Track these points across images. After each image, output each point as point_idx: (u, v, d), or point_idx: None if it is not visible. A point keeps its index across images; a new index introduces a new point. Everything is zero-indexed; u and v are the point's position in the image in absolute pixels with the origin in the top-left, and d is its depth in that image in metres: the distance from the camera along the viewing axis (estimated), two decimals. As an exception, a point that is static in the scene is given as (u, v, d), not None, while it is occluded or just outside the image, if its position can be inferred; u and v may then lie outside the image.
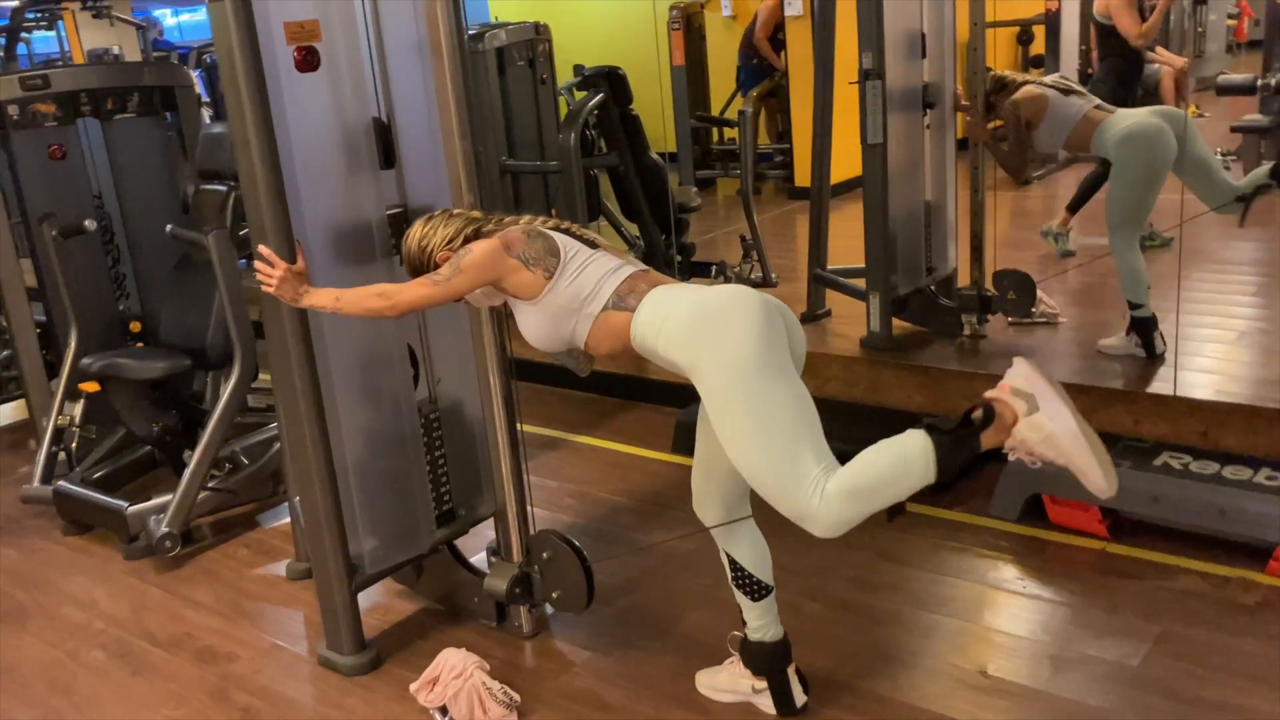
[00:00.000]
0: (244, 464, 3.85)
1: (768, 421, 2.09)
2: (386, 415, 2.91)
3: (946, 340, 4.69)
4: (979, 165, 4.67)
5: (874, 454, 2.10)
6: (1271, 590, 2.88)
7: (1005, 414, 2.08)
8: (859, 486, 2.07)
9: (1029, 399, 2.06)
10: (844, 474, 2.07)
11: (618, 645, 2.91)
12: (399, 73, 2.77)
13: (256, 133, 2.52)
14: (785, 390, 2.13)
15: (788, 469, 2.08)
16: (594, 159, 5.44)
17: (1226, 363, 4.23)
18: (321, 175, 2.67)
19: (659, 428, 4.38)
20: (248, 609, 3.33)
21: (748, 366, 2.11)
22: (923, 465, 2.06)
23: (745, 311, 2.16)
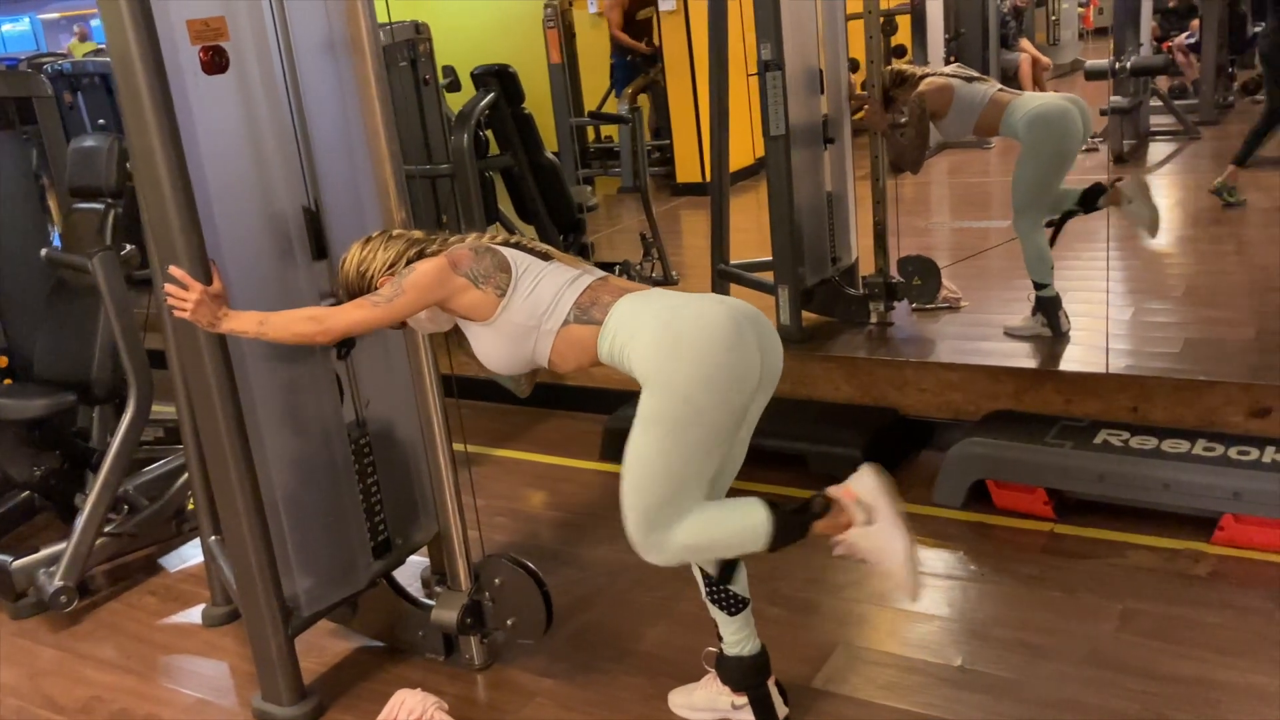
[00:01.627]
0: (143, 504, 3.54)
1: (672, 468, 2.10)
2: (315, 443, 2.69)
3: (855, 329, 4.70)
4: (879, 154, 4.69)
5: (719, 519, 2.18)
6: (1220, 560, 2.93)
7: (841, 517, 2.19)
8: (696, 545, 2.19)
9: (869, 512, 2.17)
10: (689, 530, 2.13)
11: (579, 670, 2.77)
12: (312, 74, 2.56)
13: (162, 142, 2.28)
14: (707, 442, 2.11)
15: (655, 513, 2.13)
16: (488, 160, 5.26)
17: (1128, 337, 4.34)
18: (236, 185, 2.44)
19: (581, 435, 4.24)
20: (163, 663, 3.05)
21: (688, 408, 2.08)
22: (757, 538, 2.15)
23: (712, 340, 2.07)
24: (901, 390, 3.87)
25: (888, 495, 2.18)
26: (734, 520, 2.17)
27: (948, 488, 3.38)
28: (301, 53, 2.53)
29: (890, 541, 2.16)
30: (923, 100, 4.36)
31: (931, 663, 2.65)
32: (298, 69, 2.52)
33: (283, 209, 2.54)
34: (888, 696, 2.54)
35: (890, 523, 2.16)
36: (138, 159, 2.36)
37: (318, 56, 2.55)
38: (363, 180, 2.62)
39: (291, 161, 2.53)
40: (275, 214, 2.52)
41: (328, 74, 2.57)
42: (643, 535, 2.15)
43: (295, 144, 2.53)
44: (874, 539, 2.17)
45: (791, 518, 2.16)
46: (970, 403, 3.72)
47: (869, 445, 3.58)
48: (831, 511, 2.18)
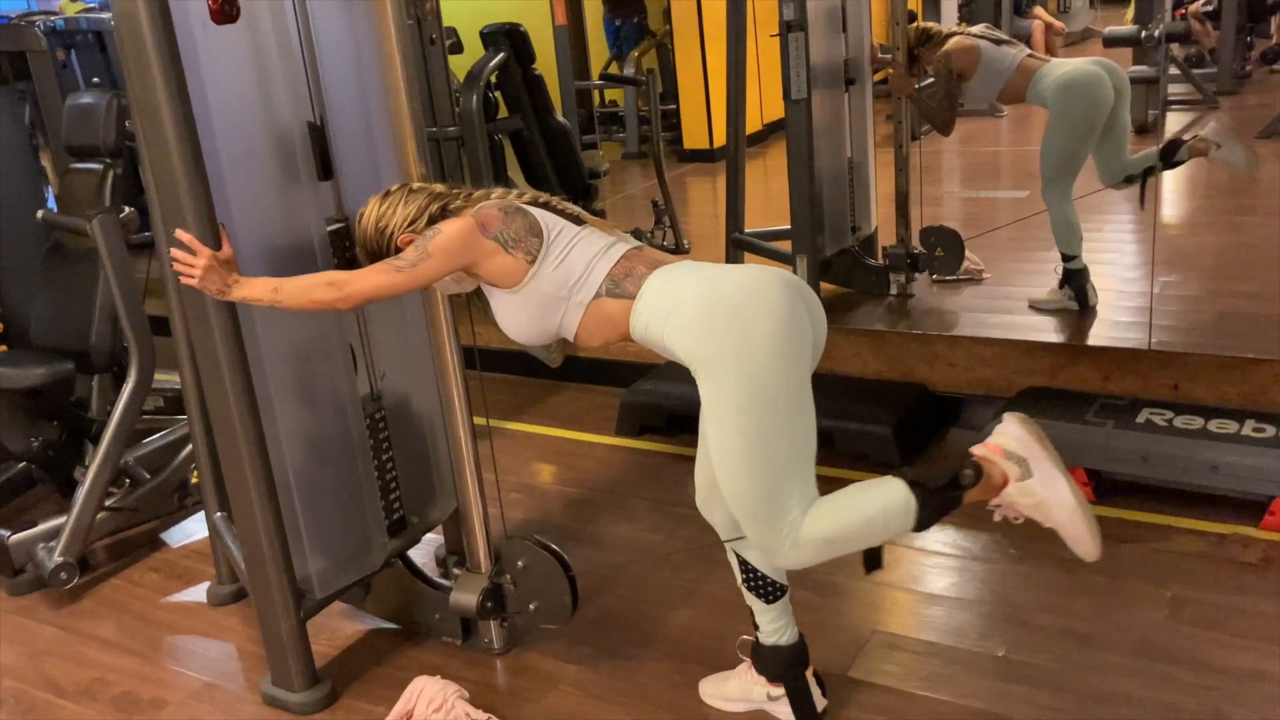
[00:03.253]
0: (144, 477, 3.41)
1: (765, 451, 1.92)
2: (328, 417, 2.56)
3: (874, 301, 4.58)
4: (903, 120, 4.54)
5: (854, 503, 1.97)
6: (1271, 545, 2.81)
7: (994, 476, 2.00)
8: (834, 536, 1.96)
9: (1021, 463, 1.99)
10: (821, 520, 1.94)
11: (603, 655, 2.65)
12: (326, 25, 2.40)
13: (169, 97, 2.13)
14: (793, 412, 1.94)
15: (767, 505, 1.93)
16: (497, 123, 5.09)
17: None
18: (248, 144, 2.29)
19: (596, 409, 4.11)
20: (168, 644, 2.93)
21: (762, 380, 1.89)
22: (903, 521, 1.96)
23: (768, 305, 1.91)
24: (931, 365, 3.74)
25: (1040, 440, 1.98)
26: (872, 503, 1.96)
27: (981, 467, 3.25)
28: (316, 2, 2.37)
29: (1053, 491, 1.95)
30: (949, 59, 4.21)
31: (972, 652, 2.54)
32: (311, 20, 2.37)
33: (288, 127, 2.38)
34: (928, 687, 2.43)
35: (1049, 471, 1.96)
36: (142, 116, 2.21)
37: (332, 7, 2.40)
38: (381, 151, 2.47)
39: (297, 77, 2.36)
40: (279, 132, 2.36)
41: (341, 26, 2.42)
42: (770, 537, 1.95)
43: (309, 102, 2.38)
44: (1034, 492, 1.96)
45: (939, 493, 1.95)
46: (1003, 379, 3.59)
47: (899, 423, 3.46)
48: (982, 475, 1.97)
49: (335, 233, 2.45)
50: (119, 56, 2.27)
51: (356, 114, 2.47)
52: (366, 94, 2.46)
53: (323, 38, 2.39)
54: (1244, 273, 4.55)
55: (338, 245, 2.46)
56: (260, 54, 2.29)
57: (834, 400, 3.65)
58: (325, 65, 2.40)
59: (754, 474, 1.92)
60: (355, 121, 2.47)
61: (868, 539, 2.00)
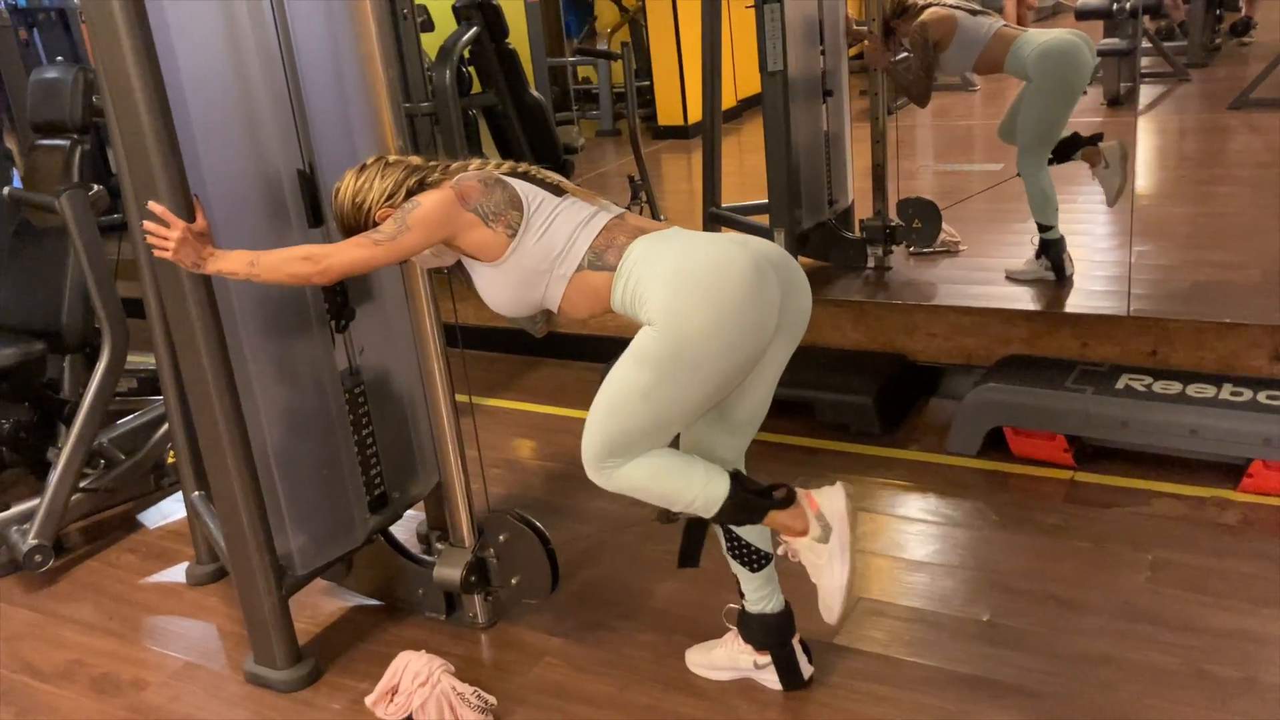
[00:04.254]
0: (119, 458, 3.37)
1: (649, 409, 1.97)
2: (308, 392, 2.53)
3: (852, 274, 4.57)
4: (879, 93, 4.53)
5: (681, 471, 2.05)
6: (1249, 508, 2.84)
7: (797, 520, 2.12)
8: (645, 487, 2.06)
9: (826, 530, 2.11)
10: (643, 470, 2.03)
11: (588, 628, 2.64)
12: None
13: (138, 64, 2.09)
14: (696, 389, 1.98)
15: (617, 442, 2.00)
16: (471, 98, 5.04)
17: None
18: (221, 117, 2.25)
19: (576, 384, 4.10)
20: (147, 625, 2.89)
21: (687, 351, 1.93)
22: (708, 504, 2.06)
23: (724, 286, 1.92)
24: (911, 335, 3.74)
25: (849, 521, 2.11)
26: (693, 478, 2.04)
27: (963, 436, 3.27)
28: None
29: (834, 565, 2.11)
30: (925, 29, 4.20)
31: (957, 617, 2.55)
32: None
33: (277, 173, 2.34)
34: (914, 653, 2.44)
35: (841, 549, 2.10)
36: (110, 85, 2.15)
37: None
38: (359, 140, 2.43)
39: (285, 118, 2.34)
40: (269, 178, 2.33)
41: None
42: (595, 459, 2.04)
43: (283, 72, 2.34)
44: (820, 556, 2.12)
45: (751, 499, 2.07)
46: (983, 348, 3.60)
47: (879, 393, 3.46)
48: (791, 510, 2.11)
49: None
50: (83, 36, 2.21)
51: (344, 155, 2.43)
52: (352, 133, 2.43)
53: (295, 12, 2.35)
54: (1217, 241, 4.58)
55: (328, 290, 2.46)
56: (231, 21, 2.24)
57: (814, 371, 3.66)
58: (310, 101, 2.37)
59: (626, 420, 1.98)
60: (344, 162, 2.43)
61: (666, 500, 2.08)
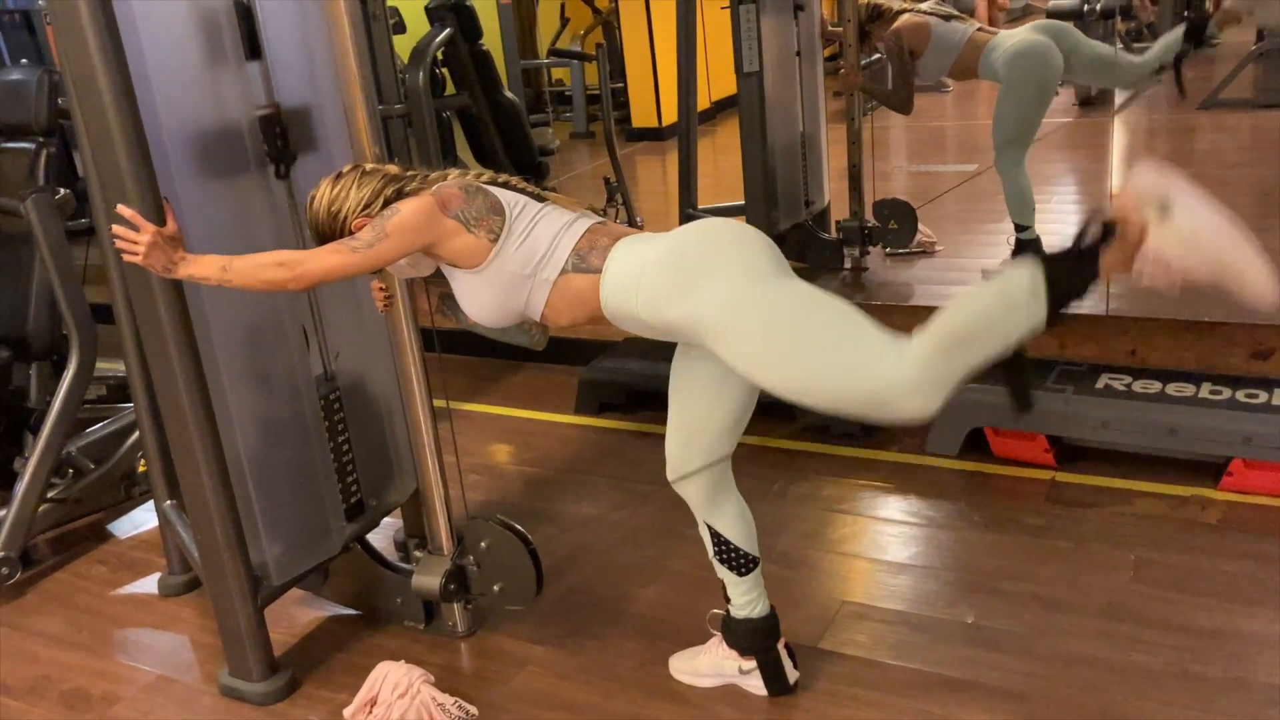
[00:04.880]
0: (88, 467, 3.30)
1: (804, 321, 1.75)
2: (281, 398, 2.48)
3: (829, 275, 4.56)
4: (854, 94, 4.53)
5: (967, 294, 1.70)
6: (1230, 506, 2.84)
7: (1130, 229, 1.63)
8: (951, 333, 1.67)
9: (1159, 201, 1.61)
10: (930, 326, 1.68)
11: (570, 635, 2.61)
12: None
13: (105, 64, 2.03)
14: (807, 288, 1.81)
15: (849, 350, 1.71)
16: (444, 100, 4.99)
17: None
18: (189, 110, 2.20)
19: (555, 388, 4.06)
20: (118, 638, 2.83)
21: (754, 286, 1.80)
22: (1031, 308, 1.65)
23: (731, 240, 1.89)
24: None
25: (1177, 176, 1.62)
26: (988, 291, 1.69)
27: (943, 436, 3.26)
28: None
29: (1201, 220, 1.59)
30: (899, 37, 4.20)
31: (941, 620, 2.53)
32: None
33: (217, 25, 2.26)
34: (899, 656, 2.42)
35: (1193, 200, 1.60)
36: (77, 86, 2.10)
37: None
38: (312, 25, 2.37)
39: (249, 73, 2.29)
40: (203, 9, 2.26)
41: None
42: (876, 385, 1.69)
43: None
44: (1180, 230, 1.58)
45: (1067, 264, 1.66)
46: (961, 348, 3.58)
47: (859, 393, 3.44)
48: (1115, 232, 1.64)
49: (265, 119, 2.36)
50: (48, 38, 2.16)
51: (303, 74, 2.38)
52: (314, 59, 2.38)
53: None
54: (1191, 240, 4.60)
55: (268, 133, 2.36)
56: (202, 20, 2.20)
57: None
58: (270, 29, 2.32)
59: (811, 335, 1.74)
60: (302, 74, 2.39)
61: (992, 332, 1.68)
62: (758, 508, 2.25)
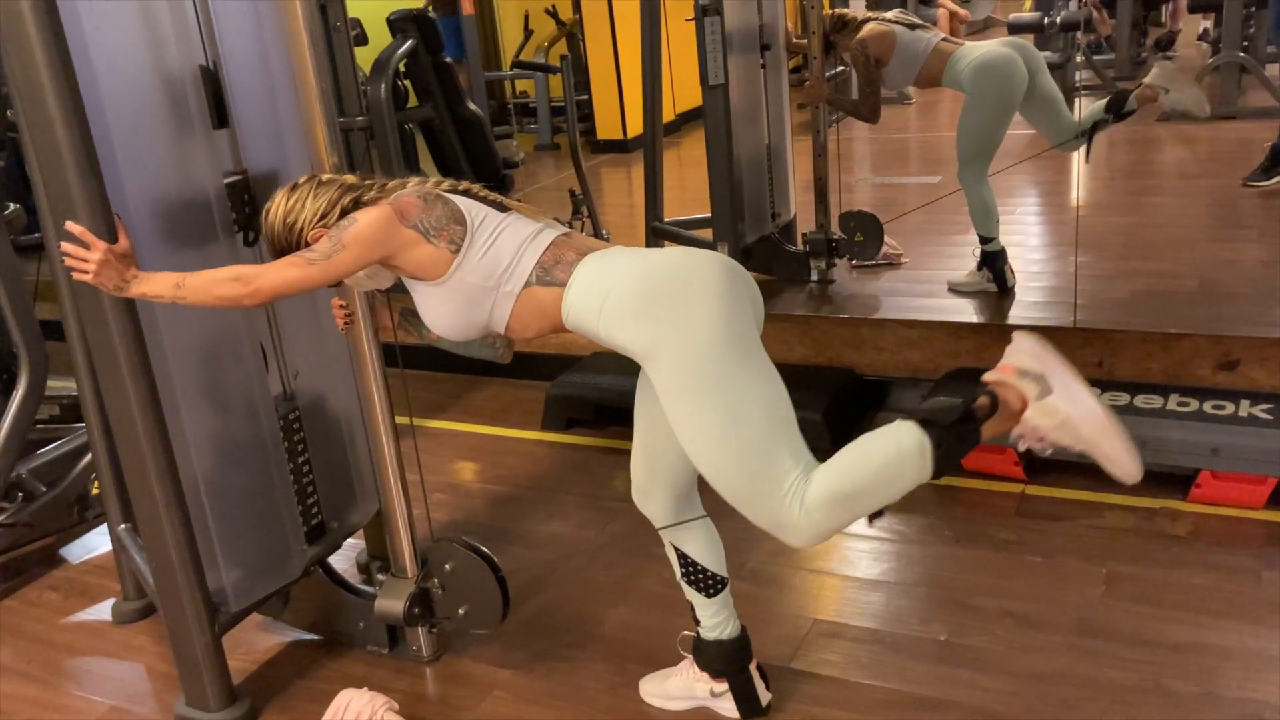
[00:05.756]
0: (40, 490, 3.20)
1: (739, 418, 1.79)
2: (238, 418, 2.42)
3: (796, 287, 4.55)
4: (820, 106, 4.52)
5: (861, 453, 1.83)
6: (1199, 518, 2.84)
7: (1011, 400, 1.82)
8: (845, 491, 1.81)
9: (1039, 380, 1.81)
10: (827, 478, 1.81)
11: (538, 658, 2.55)
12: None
13: (52, 77, 1.97)
14: (757, 377, 1.83)
15: (762, 474, 1.80)
16: (406, 112, 4.93)
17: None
18: (139, 124, 2.14)
19: (520, 404, 4.01)
20: (70, 668, 2.74)
21: (714, 349, 1.79)
22: (918, 465, 1.80)
23: (706, 280, 1.84)
24: (858, 349, 3.71)
25: (1056, 355, 1.81)
26: (880, 453, 1.81)
27: (913, 450, 3.23)
28: None
29: (1078, 404, 1.77)
30: (865, 46, 4.19)
31: (914, 637, 2.50)
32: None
33: (178, 70, 2.22)
34: (872, 675, 2.39)
35: (1069, 384, 1.78)
36: (23, 97, 2.03)
37: None
38: (269, 38, 2.31)
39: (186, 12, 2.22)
40: (168, 75, 2.21)
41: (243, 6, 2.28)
42: (776, 509, 1.80)
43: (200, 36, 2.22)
44: (1057, 410, 1.78)
45: (954, 429, 1.79)
46: (929, 361, 3.58)
47: (828, 408, 3.42)
48: (999, 403, 1.80)
49: (232, 185, 2.31)
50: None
51: (253, 54, 2.32)
52: (263, 32, 2.31)
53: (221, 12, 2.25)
54: (1153, 252, 4.64)
55: (235, 200, 2.32)
56: (153, 29, 2.14)
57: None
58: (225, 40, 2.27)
59: (737, 446, 1.80)
60: (252, 63, 2.32)
61: (883, 492, 1.83)
62: (725, 525, 2.20)
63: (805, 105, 4.46)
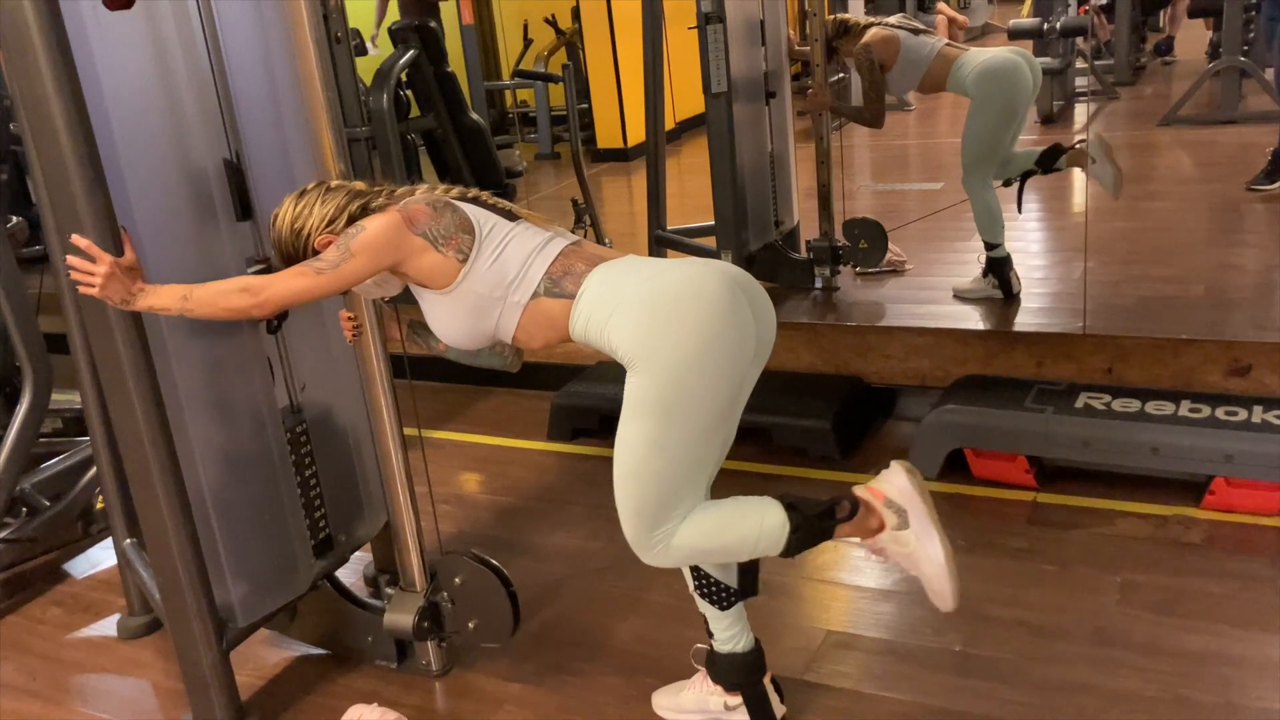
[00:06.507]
0: (43, 505, 3.17)
1: (670, 463, 1.88)
2: (245, 432, 2.39)
3: (800, 295, 4.53)
4: (822, 113, 4.51)
5: (730, 518, 1.95)
6: (1213, 526, 2.81)
7: (871, 519, 1.99)
8: (704, 548, 1.98)
9: (900, 514, 1.98)
10: (695, 531, 1.92)
11: (548, 671, 2.53)
12: (231, 10, 2.25)
13: (58, 88, 1.95)
14: (710, 424, 1.89)
15: (653, 511, 1.91)
16: (409, 122, 4.91)
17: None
18: (147, 137, 2.13)
19: (526, 414, 3.98)
20: (75, 684, 2.72)
21: (691, 389, 1.84)
22: (773, 542, 1.95)
23: (707, 306, 1.83)
24: (865, 357, 3.69)
25: (921, 496, 1.97)
26: (746, 522, 1.94)
27: (922, 458, 3.21)
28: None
29: (925, 547, 1.96)
30: (869, 51, 4.18)
31: (928, 648, 2.48)
32: (214, 5, 2.21)
33: (201, 163, 2.23)
34: (886, 687, 2.36)
35: (925, 526, 1.96)
36: (29, 110, 2.01)
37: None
38: (290, 130, 2.32)
39: (210, 108, 2.22)
40: (193, 169, 2.21)
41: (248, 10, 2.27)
42: (641, 536, 1.93)
43: (214, 90, 2.22)
44: (908, 543, 1.98)
45: (814, 520, 1.95)
46: (938, 368, 3.56)
47: (837, 416, 3.40)
48: (859, 513, 1.97)
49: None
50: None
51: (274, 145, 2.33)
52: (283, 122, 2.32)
53: (225, 23, 2.23)
54: (1157, 257, 4.62)
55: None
56: (158, 41, 2.12)
57: (769, 395, 3.54)
58: (237, 87, 2.26)
59: (650, 481, 1.88)
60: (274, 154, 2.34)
61: (735, 555, 2.02)
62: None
63: (806, 113, 4.45)
